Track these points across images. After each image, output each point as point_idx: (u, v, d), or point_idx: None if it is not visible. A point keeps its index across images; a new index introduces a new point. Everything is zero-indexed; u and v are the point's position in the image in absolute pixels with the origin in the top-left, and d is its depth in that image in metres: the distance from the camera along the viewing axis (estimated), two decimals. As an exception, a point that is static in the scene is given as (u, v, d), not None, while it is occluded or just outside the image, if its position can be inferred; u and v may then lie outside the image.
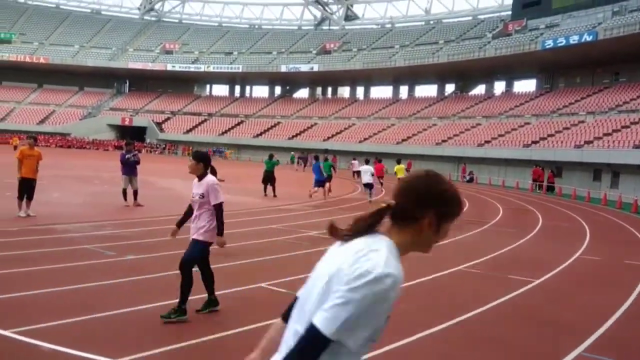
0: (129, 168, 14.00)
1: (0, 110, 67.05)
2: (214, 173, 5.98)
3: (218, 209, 5.54)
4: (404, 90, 66.29)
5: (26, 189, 11.14)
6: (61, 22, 76.91)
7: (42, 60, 69.28)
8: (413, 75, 60.45)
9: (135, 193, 14.08)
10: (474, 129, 48.11)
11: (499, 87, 58.39)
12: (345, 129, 58.83)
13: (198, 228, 5.52)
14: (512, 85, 57.20)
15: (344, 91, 74.09)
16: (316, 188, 18.87)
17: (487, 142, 43.81)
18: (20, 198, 11.13)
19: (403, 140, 51.30)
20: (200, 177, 5.56)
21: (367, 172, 19.75)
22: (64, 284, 6.36)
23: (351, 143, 54.12)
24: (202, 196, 5.48)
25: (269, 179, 19.27)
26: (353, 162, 44.55)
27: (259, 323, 5.26)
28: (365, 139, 54.13)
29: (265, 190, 19.20)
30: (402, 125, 55.65)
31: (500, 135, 43.94)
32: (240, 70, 67.50)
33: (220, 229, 5.59)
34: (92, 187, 18.80)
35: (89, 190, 17.44)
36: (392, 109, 60.97)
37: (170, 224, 11.44)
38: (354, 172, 33.89)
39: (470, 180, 41.08)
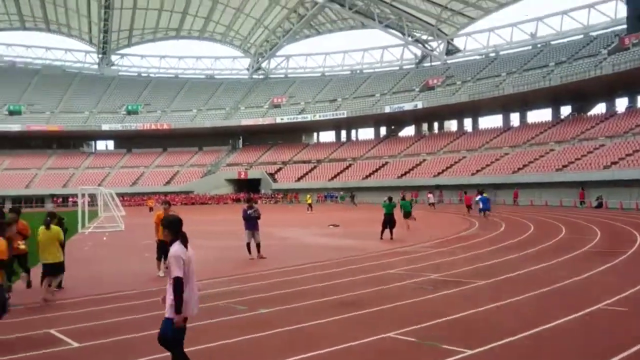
0: (251, 223, 14.72)
1: (132, 175, 73.72)
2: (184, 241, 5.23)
3: (173, 284, 4.91)
4: (514, 118, 64.01)
5: (163, 250, 12.09)
6: (180, 90, 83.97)
7: (165, 126, 75.75)
8: (523, 101, 58.27)
9: (258, 246, 14.72)
10: (597, 151, 45.01)
11: (621, 104, 54.49)
12: (456, 162, 57.60)
13: (167, 302, 4.99)
14: (636, 100, 53.08)
15: (451, 125, 73.03)
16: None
17: (614, 163, 40.71)
18: (158, 259, 12.12)
19: (519, 169, 49.13)
20: (170, 245, 5.05)
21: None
22: (205, 342, 6.78)
23: (463, 176, 52.79)
24: (167, 267, 4.90)
25: (389, 221, 19.21)
26: (429, 195, 43.98)
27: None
28: (477, 171, 52.55)
29: (382, 234, 19.19)
30: (516, 153, 53.46)
31: (628, 155, 40.67)
32: (345, 115, 69.07)
33: (176, 305, 4.92)
34: (217, 241, 19.94)
35: (215, 246, 18.51)
36: (503, 138, 58.91)
37: (294, 275, 11.88)
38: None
39: (599, 206, 38.17)
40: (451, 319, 7.70)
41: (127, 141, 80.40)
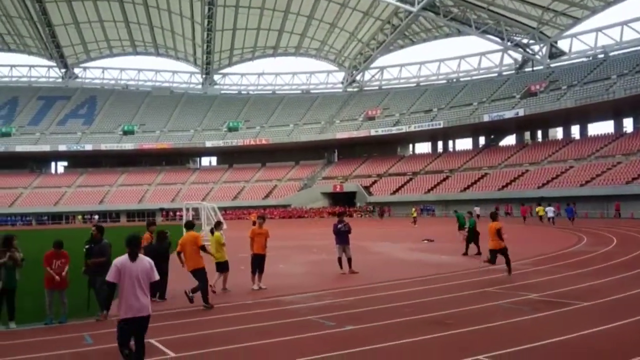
0: (342, 237, 14.78)
1: (234, 190, 76.84)
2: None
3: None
4: (627, 123, 59.39)
5: (257, 263, 12.48)
6: (277, 106, 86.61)
7: (264, 142, 78.37)
8: (638, 105, 53.89)
9: (349, 261, 14.74)
10: None
11: None
12: (562, 172, 54.38)
13: None
14: None
15: (556, 132, 69.08)
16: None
17: None
18: (253, 272, 12.50)
19: (634, 178, 45.47)
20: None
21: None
22: (294, 356, 6.89)
23: (571, 188, 49.69)
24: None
25: (472, 236, 18.58)
26: (475, 208, 42.08)
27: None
28: (587, 182, 49.25)
29: (466, 249, 18.54)
30: (630, 162, 49.52)
31: None
32: (441, 125, 67.64)
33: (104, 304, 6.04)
34: (311, 256, 20.22)
35: (308, 260, 18.80)
36: (616, 146, 54.80)
37: (385, 291, 11.76)
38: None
39: None
40: (549, 342, 7.25)
41: (229, 157, 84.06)
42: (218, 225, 12.91)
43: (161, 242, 11.67)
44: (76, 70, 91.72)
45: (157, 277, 6.25)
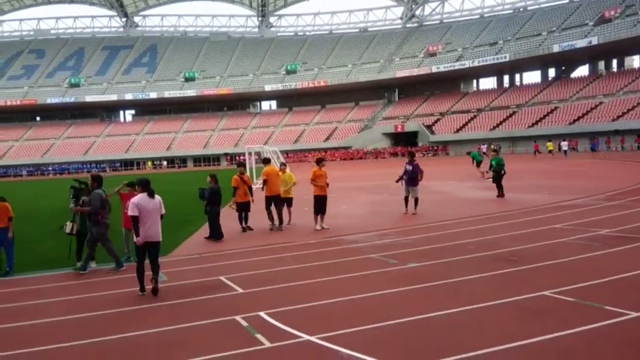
0: (410, 177, 14.60)
1: (294, 133, 77.33)
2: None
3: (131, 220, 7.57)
4: None
5: (319, 205, 12.62)
6: (334, 46, 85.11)
7: (322, 84, 77.71)
8: None
9: (416, 201, 14.62)
10: None
11: None
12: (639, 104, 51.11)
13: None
14: None
15: (632, 61, 64.51)
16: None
17: None
18: (315, 213, 12.68)
19: None
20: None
21: None
22: (355, 292, 7.03)
23: (648, 119, 46.77)
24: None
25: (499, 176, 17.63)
26: (482, 146, 40.90)
27: (545, 336, 5.00)
28: (666, 113, 46.18)
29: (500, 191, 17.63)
30: None
31: None
32: (507, 59, 64.58)
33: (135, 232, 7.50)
34: (372, 196, 20.26)
35: (370, 200, 18.86)
36: (700, 72, 50.65)
37: (449, 229, 11.68)
38: None
39: None
40: (618, 278, 7.03)
41: (288, 100, 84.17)
42: (283, 165, 14.96)
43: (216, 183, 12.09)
44: (136, 19, 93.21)
45: (164, 211, 7.83)
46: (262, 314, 6.21)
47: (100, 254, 9.85)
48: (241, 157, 60.21)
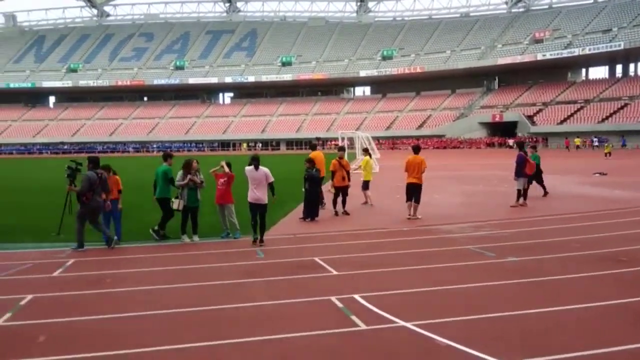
0: (521, 169, 13.98)
1: (387, 119, 76.65)
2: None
3: None
4: None
5: (413, 192, 12.38)
6: (433, 32, 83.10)
7: (418, 70, 76.26)
8: None
9: (525, 192, 14.06)
10: None
11: None
12: None
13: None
14: None
15: None
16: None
17: None
18: (408, 201, 12.42)
19: None
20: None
21: None
22: (451, 283, 6.90)
23: None
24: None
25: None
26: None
27: (663, 346, 4.65)
28: None
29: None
30: None
31: None
32: (621, 47, 59.96)
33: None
34: (467, 186, 19.69)
35: (464, 190, 18.34)
36: None
37: (553, 224, 11.12)
38: None
39: None
40: None
41: (383, 86, 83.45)
42: (365, 151, 16.71)
43: (312, 168, 12.30)
44: (238, 4, 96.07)
45: (271, 179, 9.88)
46: (356, 296, 6.25)
47: (207, 228, 10.33)
48: (333, 142, 60.66)
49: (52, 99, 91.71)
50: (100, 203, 9.57)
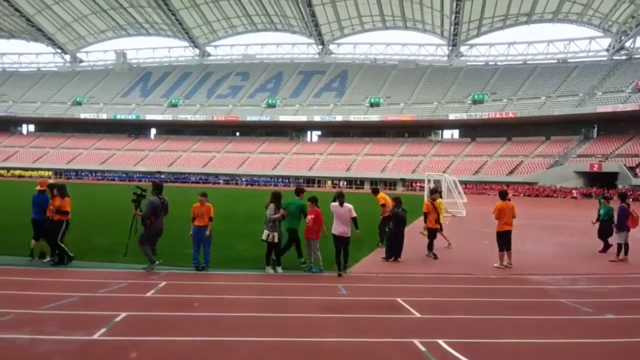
0: (623, 222, 13.07)
1: (475, 164, 74.77)
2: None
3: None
4: None
5: (505, 240, 11.79)
6: (528, 77, 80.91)
7: (510, 115, 74.20)
8: None
9: (626, 247, 13.11)
10: None
11: None
12: None
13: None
14: None
15: None
16: None
17: None
18: (500, 250, 11.76)
19: None
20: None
21: None
22: (543, 336, 6.50)
23: None
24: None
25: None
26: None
27: None
28: None
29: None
30: None
31: None
32: None
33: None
34: (562, 237, 18.66)
35: (559, 241, 17.38)
36: None
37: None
38: None
39: None
40: None
41: (472, 130, 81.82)
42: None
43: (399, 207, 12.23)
44: (331, 47, 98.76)
45: (354, 214, 10.36)
46: (440, 341, 6.05)
47: (290, 258, 10.49)
48: (416, 184, 59.98)
49: (153, 131, 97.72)
50: (161, 227, 10.27)
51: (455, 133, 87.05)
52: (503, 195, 12.17)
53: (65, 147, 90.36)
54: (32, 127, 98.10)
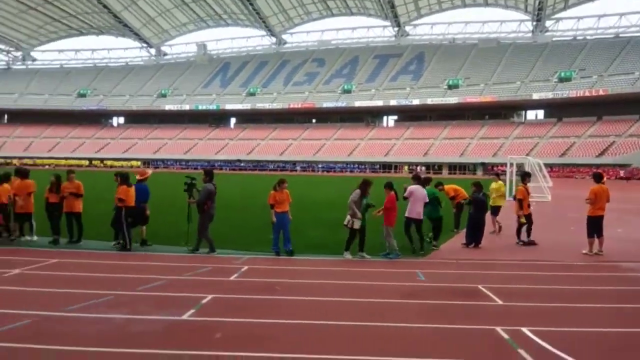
0: None
1: (562, 145, 71.11)
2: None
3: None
4: None
5: (597, 226, 11.01)
6: (620, 51, 75.70)
7: (601, 92, 69.86)
8: None
9: None
10: None
11: None
12: None
13: None
14: None
15: None
16: None
17: None
18: (589, 236, 11.06)
19: None
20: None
21: None
22: (629, 325, 6.17)
23: None
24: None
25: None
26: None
27: None
28: None
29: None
30: None
31: None
32: None
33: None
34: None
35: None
36: None
37: None
38: None
39: None
40: None
41: (558, 109, 77.76)
42: (497, 175, 15.87)
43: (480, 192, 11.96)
44: (407, 28, 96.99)
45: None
46: (524, 329, 5.89)
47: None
48: (498, 168, 57.87)
49: (232, 120, 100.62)
50: (214, 212, 10.81)
51: (540, 113, 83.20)
52: (598, 178, 11.52)
53: (152, 138, 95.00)
54: (121, 120, 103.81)
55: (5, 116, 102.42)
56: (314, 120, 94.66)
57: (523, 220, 12.37)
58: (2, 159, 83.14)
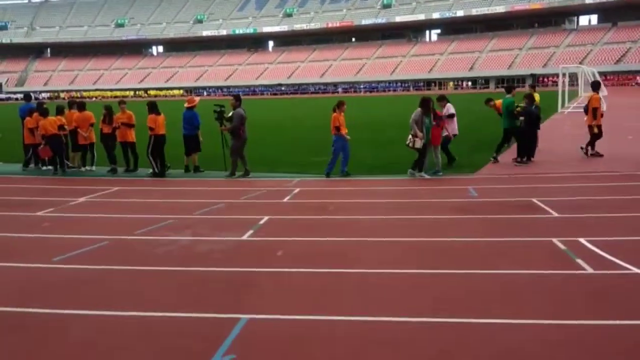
0: None
1: (617, 52, 67.19)
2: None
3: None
4: None
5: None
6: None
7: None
8: None
9: None
10: None
11: None
12: None
13: None
14: None
15: None
16: None
17: None
18: None
19: None
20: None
21: None
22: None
23: None
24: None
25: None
26: None
27: None
28: None
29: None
30: None
31: None
32: None
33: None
34: None
35: None
36: None
37: None
38: None
39: None
40: None
41: (613, 13, 72.79)
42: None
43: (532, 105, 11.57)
44: None
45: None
46: (581, 239, 5.88)
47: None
48: (551, 79, 55.59)
49: (270, 44, 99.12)
50: (246, 135, 10.94)
51: (594, 18, 78.27)
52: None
53: (192, 66, 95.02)
54: (160, 48, 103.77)
55: (48, 50, 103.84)
56: (353, 39, 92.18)
57: (596, 130, 11.98)
58: (50, 92, 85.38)
